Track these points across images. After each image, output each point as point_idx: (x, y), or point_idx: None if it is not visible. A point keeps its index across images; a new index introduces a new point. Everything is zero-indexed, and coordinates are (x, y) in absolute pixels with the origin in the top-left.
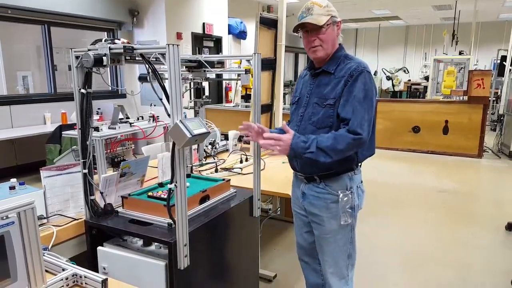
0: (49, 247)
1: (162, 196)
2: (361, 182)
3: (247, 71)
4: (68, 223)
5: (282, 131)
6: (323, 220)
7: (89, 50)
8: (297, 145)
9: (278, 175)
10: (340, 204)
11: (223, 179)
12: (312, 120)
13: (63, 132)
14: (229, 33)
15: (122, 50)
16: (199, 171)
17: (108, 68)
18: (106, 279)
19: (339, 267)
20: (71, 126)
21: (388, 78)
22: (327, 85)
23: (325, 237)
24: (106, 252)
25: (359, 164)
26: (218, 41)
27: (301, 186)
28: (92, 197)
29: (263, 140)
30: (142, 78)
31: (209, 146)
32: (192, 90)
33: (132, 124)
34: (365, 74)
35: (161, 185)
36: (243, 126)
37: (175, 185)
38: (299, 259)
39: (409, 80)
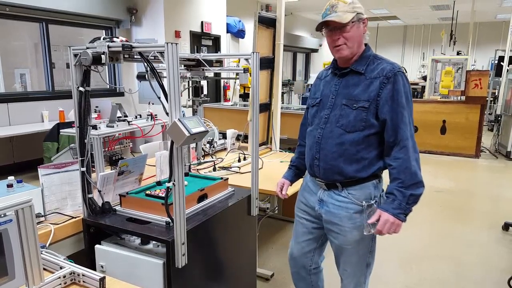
0: (47, 245)
1: (160, 194)
2: (383, 190)
3: (246, 70)
4: (66, 221)
5: (294, 175)
6: (345, 231)
7: (87, 48)
8: (399, 209)
9: (276, 174)
10: (364, 215)
11: (221, 178)
12: (341, 123)
13: (61, 130)
14: (227, 32)
15: (120, 48)
16: (197, 169)
17: (106, 66)
18: (104, 277)
19: (357, 276)
20: (69, 124)
21: None
22: (357, 85)
23: (346, 247)
24: (104, 250)
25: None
26: (216, 40)
27: (318, 192)
28: (90, 195)
29: (382, 233)
30: (141, 77)
31: (207, 145)
32: (190, 88)
33: (130, 123)
34: (402, 75)
35: (159, 183)
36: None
37: (173, 183)
38: (289, 264)
39: None
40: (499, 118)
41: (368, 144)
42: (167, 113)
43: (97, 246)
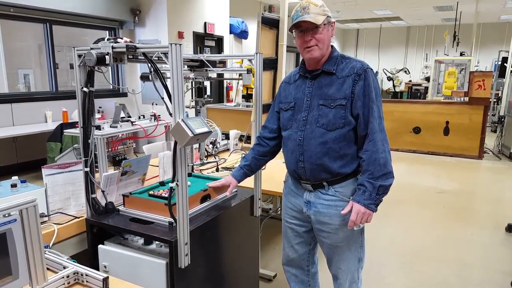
0: (50, 245)
1: (163, 194)
2: None
3: (249, 71)
4: (69, 221)
5: (243, 175)
6: (336, 228)
7: (91, 48)
8: (370, 200)
9: (278, 175)
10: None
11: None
12: (321, 122)
13: (64, 130)
14: (230, 33)
15: (125, 49)
16: (200, 170)
17: (110, 67)
18: (107, 277)
19: (351, 272)
20: (72, 124)
21: (389, 78)
22: (330, 85)
23: (339, 245)
24: (107, 250)
25: None
26: (219, 41)
27: (304, 194)
28: (93, 195)
29: (352, 226)
30: (144, 77)
31: (210, 146)
32: (193, 89)
33: (133, 123)
34: (371, 72)
35: (162, 184)
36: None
37: (176, 184)
38: (285, 270)
39: (410, 81)
40: (502, 119)
41: (349, 140)
42: (170, 114)
43: (100, 246)
